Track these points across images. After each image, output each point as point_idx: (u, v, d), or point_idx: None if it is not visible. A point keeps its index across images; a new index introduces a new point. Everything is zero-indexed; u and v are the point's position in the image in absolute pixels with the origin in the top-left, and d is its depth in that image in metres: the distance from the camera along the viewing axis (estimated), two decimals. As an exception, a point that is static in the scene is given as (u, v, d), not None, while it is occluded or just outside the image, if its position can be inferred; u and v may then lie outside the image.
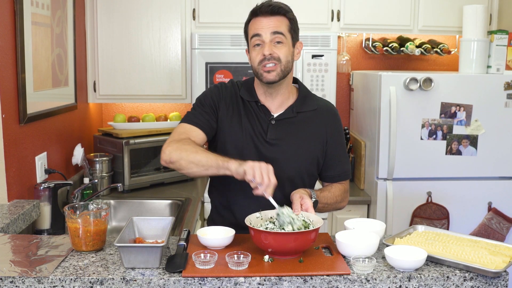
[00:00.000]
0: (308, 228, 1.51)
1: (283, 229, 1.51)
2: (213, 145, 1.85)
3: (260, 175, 1.52)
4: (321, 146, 1.82)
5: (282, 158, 1.76)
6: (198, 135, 1.77)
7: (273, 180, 1.54)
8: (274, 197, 1.61)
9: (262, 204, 1.62)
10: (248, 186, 1.58)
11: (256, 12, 1.73)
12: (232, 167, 1.57)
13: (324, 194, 1.82)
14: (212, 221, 1.91)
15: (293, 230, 1.49)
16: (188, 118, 1.79)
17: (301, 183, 1.81)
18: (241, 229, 1.65)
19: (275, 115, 1.79)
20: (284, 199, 1.75)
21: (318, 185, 1.98)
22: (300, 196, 1.66)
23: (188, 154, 1.64)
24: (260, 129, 1.77)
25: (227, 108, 1.80)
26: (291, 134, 1.78)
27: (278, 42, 1.71)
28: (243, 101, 1.81)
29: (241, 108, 1.80)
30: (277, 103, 1.80)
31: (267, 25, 1.70)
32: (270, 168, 1.55)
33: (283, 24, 1.71)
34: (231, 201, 1.84)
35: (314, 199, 1.72)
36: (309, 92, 1.87)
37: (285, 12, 1.73)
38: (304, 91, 1.86)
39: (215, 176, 1.66)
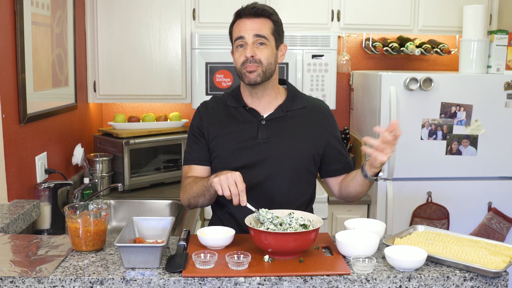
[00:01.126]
0: (308, 229, 1.51)
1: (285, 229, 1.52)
2: (212, 161, 1.86)
3: (227, 188, 1.55)
4: (315, 143, 1.82)
5: (275, 155, 1.77)
6: (198, 170, 1.85)
7: (241, 187, 1.55)
8: (270, 197, 1.65)
9: (260, 205, 1.65)
10: (249, 185, 1.65)
11: (240, 14, 1.76)
12: (211, 183, 1.61)
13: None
14: (214, 225, 1.91)
15: (274, 228, 1.50)
16: (186, 158, 1.89)
17: (299, 180, 1.82)
18: (243, 232, 1.66)
19: (265, 115, 1.81)
20: (282, 198, 1.77)
21: (318, 185, 1.98)
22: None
23: (189, 192, 1.77)
24: (251, 132, 1.79)
25: (214, 125, 1.83)
26: (283, 132, 1.79)
27: (261, 44, 1.73)
28: (231, 109, 1.83)
29: (229, 117, 1.82)
30: (264, 104, 1.81)
31: (250, 27, 1.72)
32: (236, 175, 1.56)
33: (266, 26, 1.74)
34: (229, 205, 1.82)
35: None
36: (298, 92, 1.89)
37: (269, 14, 1.75)
38: (293, 90, 1.88)
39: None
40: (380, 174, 1.70)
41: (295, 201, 1.81)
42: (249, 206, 1.58)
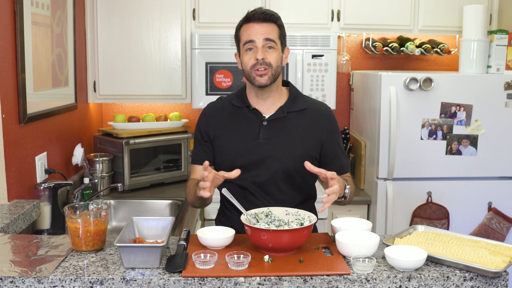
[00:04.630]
0: (303, 225, 1.54)
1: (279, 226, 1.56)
2: (216, 160, 1.91)
3: (202, 191, 1.62)
4: (314, 144, 1.85)
5: (275, 155, 1.81)
6: (201, 170, 1.87)
7: (203, 185, 1.60)
8: (272, 195, 1.76)
9: (269, 202, 1.79)
10: (251, 185, 1.79)
11: (249, 18, 1.81)
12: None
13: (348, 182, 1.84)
14: (220, 222, 1.97)
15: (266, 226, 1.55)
16: (192, 158, 1.96)
17: (300, 179, 1.85)
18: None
19: (267, 116, 1.85)
20: (280, 194, 1.82)
21: (318, 185, 1.98)
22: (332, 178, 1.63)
23: (189, 195, 1.88)
24: (253, 131, 1.84)
25: (218, 125, 1.89)
26: (283, 133, 1.83)
27: (270, 48, 1.79)
28: (235, 109, 1.89)
29: (233, 117, 1.88)
30: (268, 105, 1.86)
31: (260, 31, 1.78)
32: (204, 176, 1.62)
33: (274, 31, 1.80)
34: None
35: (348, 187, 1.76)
36: (299, 93, 1.94)
37: (275, 19, 1.81)
38: (294, 92, 1.92)
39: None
40: (346, 191, 1.74)
41: (296, 199, 1.85)
42: (238, 205, 1.64)
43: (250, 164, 1.82)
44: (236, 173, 1.67)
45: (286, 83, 1.96)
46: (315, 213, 1.91)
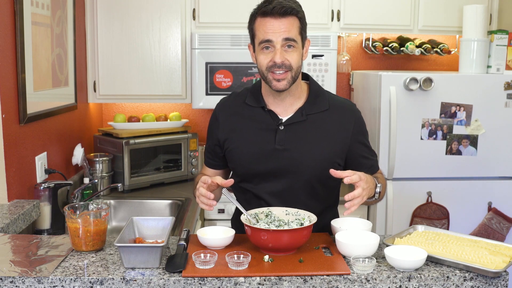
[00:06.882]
0: (303, 225, 1.53)
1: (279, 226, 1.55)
2: (230, 165, 1.83)
3: (201, 203, 1.58)
4: (338, 150, 1.72)
5: (294, 164, 1.68)
6: (209, 172, 1.86)
7: (203, 192, 1.55)
8: (291, 206, 1.66)
9: (285, 200, 1.70)
10: (267, 195, 1.72)
11: (265, 13, 1.60)
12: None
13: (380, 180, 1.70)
14: (237, 220, 1.82)
15: (267, 226, 1.54)
16: (205, 158, 1.89)
17: (321, 188, 1.74)
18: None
19: (284, 119, 1.71)
20: (300, 205, 1.67)
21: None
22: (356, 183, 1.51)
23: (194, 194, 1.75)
24: (268, 137, 1.70)
25: (229, 128, 1.76)
26: (302, 139, 1.69)
27: (289, 47, 1.62)
28: (249, 109, 1.74)
29: (246, 119, 1.74)
30: (285, 106, 1.71)
31: (278, 29, 1.59)
32: (200, 184, 1.57)
33: (294, 27, 1.61)
34: (257, 197, 1.77)
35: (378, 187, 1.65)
36: (321, 91, 1.76)
37: (296, 12, 1.62)
38: (315, 90, 1.75)
39: (235, 180, 1.71)
40: (376, 195, 1.65)
41: (317, 209, 1.71)
42: (238, 206, 1.63)
43: (265, 173, 1.70)
44: (229, 182, 1.59)
45: (305, 76, 1.77)
46: (337, 216, 1.83)
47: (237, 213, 1.87)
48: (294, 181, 1.71)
